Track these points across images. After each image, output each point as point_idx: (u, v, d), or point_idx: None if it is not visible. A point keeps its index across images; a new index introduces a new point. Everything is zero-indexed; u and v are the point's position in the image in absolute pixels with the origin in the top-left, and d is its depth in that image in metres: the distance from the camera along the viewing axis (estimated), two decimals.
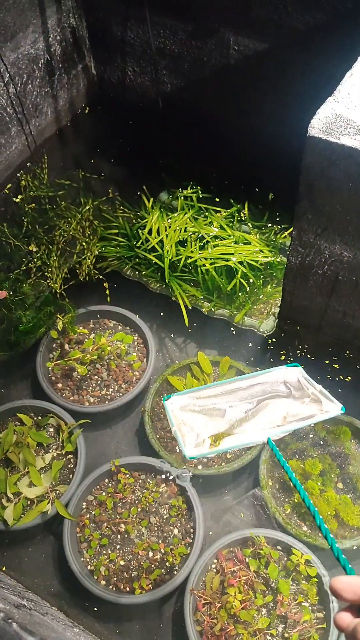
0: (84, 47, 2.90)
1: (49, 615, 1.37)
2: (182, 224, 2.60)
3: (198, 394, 1.47)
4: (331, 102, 1.57)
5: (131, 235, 2.65)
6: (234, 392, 1.47)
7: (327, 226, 1.73)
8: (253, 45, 2.43)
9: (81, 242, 2.57)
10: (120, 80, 2.99)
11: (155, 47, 2.69)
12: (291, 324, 2.29)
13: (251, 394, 1.46)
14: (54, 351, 2.40)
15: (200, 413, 1.45)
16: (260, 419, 1.41)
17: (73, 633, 1.35)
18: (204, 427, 1.42)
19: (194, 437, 1.40)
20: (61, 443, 2.18)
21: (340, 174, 1.55)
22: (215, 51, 2.54)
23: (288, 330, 2.35)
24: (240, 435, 1.40)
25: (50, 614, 1.46)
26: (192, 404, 1.46)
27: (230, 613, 1.80)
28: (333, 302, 2.00)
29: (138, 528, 2.01)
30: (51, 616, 1.40)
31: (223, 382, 1.48)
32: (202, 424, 1.42)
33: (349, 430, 2.12)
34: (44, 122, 2.84)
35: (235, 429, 1.42)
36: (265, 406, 1.44)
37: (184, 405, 1.47)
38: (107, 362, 2.37)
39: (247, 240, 2.55)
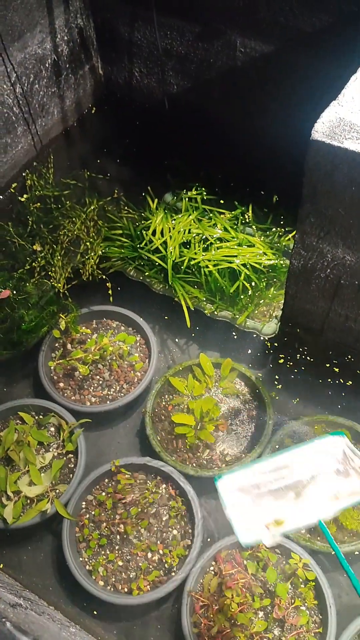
0: (91, 48, 2.91)
1: (46, 615, 1.38)
2: (186, 225, 2.60)
3: (249, 472, 1.46)
4: (335, 105, 1.57)
5: (135, 236, 2.65)
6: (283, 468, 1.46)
7: (329, 230, 1.73)
8: (259, 47, 2.43)
9: (85, 242, 2.57)
10: (127, 80, 2.99)
11: (162, 48, 2.69)
12: (293, 327, 2.28)
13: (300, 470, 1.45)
14: (56, 350, 2.41)
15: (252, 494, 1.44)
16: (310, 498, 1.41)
17: (69, 633, 1.35)
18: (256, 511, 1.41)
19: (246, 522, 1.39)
20: (62, 442, 2.19)
21: (344, 177, 1.54)
22: (221, 53, 2.54)
23: (290, 333, 2.34)
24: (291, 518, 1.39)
25: (47, 613, 1.46)
26: (243, 483, 1.45)
27: (227, 616, 1.80)
28: (335, 305, 2.00)
29: (137, 529, 2.01)
30: (48, 615, 1.41)
31: (272, 457, 1.47)
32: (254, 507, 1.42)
33: (350, 434, 2.11)
34: (51, 121, 2.84)
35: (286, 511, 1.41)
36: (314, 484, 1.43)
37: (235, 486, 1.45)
38: (109, 362, 2.37)
39: (250, 242, 2.55)
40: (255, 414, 2.25)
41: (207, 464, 2.13)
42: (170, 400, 2.29)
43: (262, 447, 2.12)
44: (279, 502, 1.43)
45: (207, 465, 2.13)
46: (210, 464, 2.13)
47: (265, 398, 2.24)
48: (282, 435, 2.14)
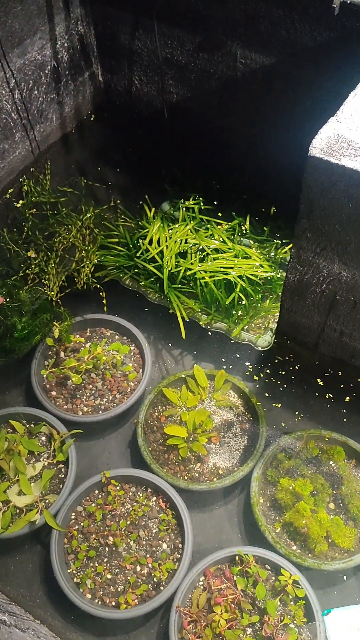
0: (91, 55, 2.90)
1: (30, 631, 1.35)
2: (183, 235, 2.59)
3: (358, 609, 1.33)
4: (333, 122, 1.56)
5: (131, 245, 2.64)
6: None
7: (326, 245, 1.72)
8: (260, 59, 2.42)
9: (80, 250, 2.56)
10: (127, 88, 2.98)
11: (163, 57, 2.69)
12: (288, 341, 2.27)
13: None
14: (49, 359, 2.39)
15: None
16: None
17: None
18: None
19: None
20: (53, 452, 2.17)
21: (341, 194, 1.54)
22: (221, 63, 2.54)
23: (285, 347, 2.33)
24: None
25: (32, 628, 1.44)
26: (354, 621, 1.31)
27: (215, 632, 1.78)
28: (330, 320, 1.99)
29: (126, 541, 2.00)
30: (32, 631, 1.38)
31: None
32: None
33: (343, 450, 2.10)
34: (49, 128, 2.83)
35: None
36: None
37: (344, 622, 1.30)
38: (102, 372, 2.35)
39: (247, 254, 2.54)
40: (248, 426, 2.24)
41: (198, 476, 2.12)
42: (163, 411, 2.28)
43: (255, 460, 2.10)
44: None
45: (199, 478, 2.11)
46: (202, 476, 2.12)
47: (258, 411, 2.23)
48: (275, 450, 2.13)
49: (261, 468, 2.08)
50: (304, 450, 2.12)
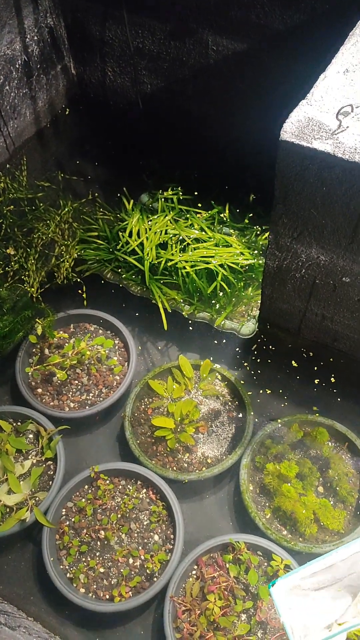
0: (62, 48, 2.87)
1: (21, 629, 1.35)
2: (163, 226, 2.58)
3: (301, 574, 1.42)
4: (304, 105, 1.56)
5: (111, 238, 2.63)
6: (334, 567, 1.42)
7: (302, 230, 1.72)
8: (232, 45, 2.41)
9: (60, 245, 2.54)
10: (100, 80, 2.96)
11: (134, 47, 2.66)
12: (271, 327, 2.28)
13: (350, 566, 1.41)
14: (34, 356, 2.38)
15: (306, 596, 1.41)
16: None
17: None
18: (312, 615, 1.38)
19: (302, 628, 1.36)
20: (41, 449, 2.16)
21: (314, 178, 1.53)
22: (193, 51, 2.52)
23: (268, 333, 2.34)
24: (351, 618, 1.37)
25: (24, 626, 1.43)
26: (297, 586, 1.41)
27: (210, 620, 1.79)
28: (312, 305, 1.99)
29: (118, 534, 2.00)
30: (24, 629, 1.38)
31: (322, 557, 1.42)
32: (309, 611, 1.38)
33: (326, 431, 2.11)
34: (23, 123, 2.80)
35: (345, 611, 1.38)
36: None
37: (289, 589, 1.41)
38: (87, 367, 2.34)
39: (227, 242, 2.54)
40: (235, 414, 2.24)
41: (187, 467, 2.12)
42: (149, 403, 2.27)
43: (243, 448, 2.11)
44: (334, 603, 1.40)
45: (188, 469, 2.11)
46: (191, 467, 2.12)
47: (245, 399, 2.23)
48: (263, 436, 2.13)
49: (249, 455, 2.09)
50: (291, 435, 2.13)
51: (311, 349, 2.27)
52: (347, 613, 1.38)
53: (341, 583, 1.42)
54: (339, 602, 1.40)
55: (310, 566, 1.42)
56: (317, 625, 1.37)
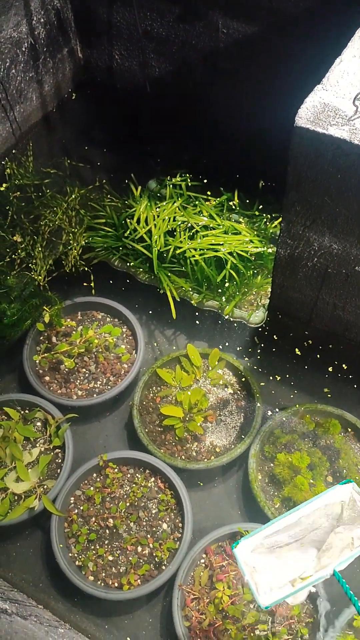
0: (69, 30, 2.82)
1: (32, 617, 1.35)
2: (171, 213, 2.55)
3: (265, 533, 1.42)
4: (319, 90, 1.52)
5: (119, 225, 2.60)
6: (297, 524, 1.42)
7: (315, 218, 1.69)
8: (242, 28, 2.36)
9: (67, 232, 2.51)
10: (108, 64, 2.91)
11: (142, 30, 2.61)
12: (281, 316, 2.26)
13: (313, 522, 1.42)
14: (41, 344, 2.37)
15: (270, 554, 1.41)
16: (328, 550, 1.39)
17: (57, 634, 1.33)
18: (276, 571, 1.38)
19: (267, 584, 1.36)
20: (49, 437, 2.16)
21: (329, 165, 1.50)
22: (203, 34, 2.47)
23: (278, 322, 2.32)
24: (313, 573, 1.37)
25: (35, 614, 1.44)
26: (260, 544, 1.41)
27: (218, 608, 1.80)
28: (323, 294, 1.97)
29: (127, 523, 2.00)
30: (35, 618, 1.38)
31: (286, 515, 1.43)
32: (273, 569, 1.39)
33: (339, 423, 2.10)
34: (29, 108, 2.76)
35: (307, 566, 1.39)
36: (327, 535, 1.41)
37: (253, 549, 1.41)
38: (95, 355, 2.33)
39: (237, 230, 2.51)
40: (244, 404, 2.23)
41: (196, 455, 2.11)
42: (158, 392, 2.26)
43: (252, 437, 2.10)
44: (298, 559, 1.40)
45: (196, 457, 2.11)
46: (199, 455, 2.11)
47: (253, 388, 2.22)
48: (272, 426, 2.12)
49: (258, 444, 2.08)
50: (300, 425, 2.12)
51: (322, 338, 2.25)
52: (310, 568, 1.39)
53: (304, 539, 1.42)
54: (303, 557, 1.41)
55: (274, 524, 1.42)
56: (281, 581, 1.38)
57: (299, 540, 1.42)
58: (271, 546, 1.41)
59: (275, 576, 1.38)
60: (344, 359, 2.28)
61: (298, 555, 1.41)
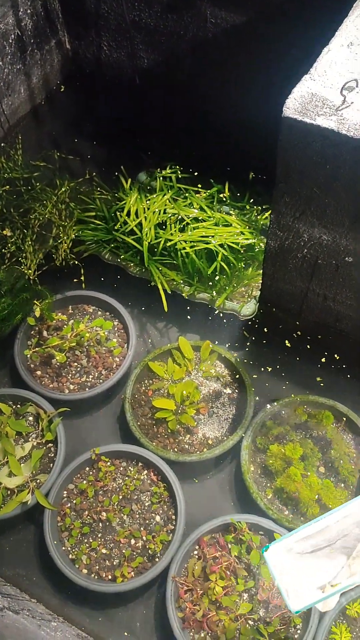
0: (56, 21, 2.79)
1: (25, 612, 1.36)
2: (161, 205, 2.54)
3: (295, 538, 1.42)
4: (307, 80, 1.51)
5: (109, 218, 2.59)
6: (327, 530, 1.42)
7: (305, 209, 1.68)
8: (231, 17, 2.34)
9: (57, 226, 2.50)
10: (96, 55, 2.89)
11: (130, 21, 2.59)
12: (272, 308, 2.25)
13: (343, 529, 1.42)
14: (32, 338, 2.36)
15: (300, 559, 1.41)
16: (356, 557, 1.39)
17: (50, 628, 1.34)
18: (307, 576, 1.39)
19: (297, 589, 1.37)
20: (41, 432, 2.16)
21: (317, 156, 1.50)
22: (191, 24, 2.45)
23: (269, 314, 2.32)
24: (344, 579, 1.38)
25: (27, 609, 1.44)
26: (290, 549, 1.42)
27: (212, 599, 1.81)
28: (313, 285, 1.97)
29: (119, 516, 2.00)
30: (27, 612, 1.39)
31: (316, 520, 1.43)
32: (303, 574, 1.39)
33: (331, 414, 2.11)
34: (17, 100, 2.74)
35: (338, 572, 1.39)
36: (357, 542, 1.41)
37: (283, 553, 1.42)
38: (86, 349, 2.33)
39: (227, 222, 2.50)
40: (236, 396, 2.23)
41: (188, 448, 2.12)
42: (150, 385, 2.26)
43: (244, 429, 2.11)
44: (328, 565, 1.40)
45: (189, 450, 2.11)
46: (191, 448, 2.12)
47: (245, 380, 2.22)
48: (264, 417, 2.13)
49: (250, 436, 2.09)
50: (293, 416, 2.13)
51: (313, 329, 2.26)
52: (340, 574, 1.40)
53: (334, 545, 1.43)
54: (333, 563, 1.42)
55: (304, 529, 1.43)
56: (311, 586, 1.39)
57: (328, 546, 1.43)
58: (301, 551, 1.42)
59: (305, 581, 1.39)
60: (335, 350, 2.28)
61: (328, 562, 1.41)
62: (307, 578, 1.39)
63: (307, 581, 1.39)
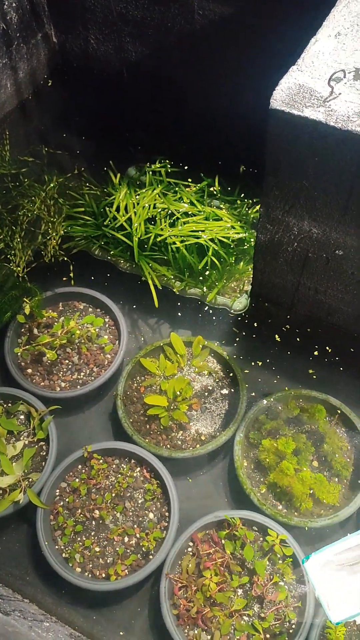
0: (42, 15, 2.75)
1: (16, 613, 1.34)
2: (151, 200, 2.51)
3: (335, 550, 1.43)
4: (295, 71, 1.49)
5: (98, 214, 2.56)
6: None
7: (294, 202, 1.67)
8: (218, 9, 2.31)
9: (46, 222, 2.47)
10: (83, 49, 2.85)
11: (117, 13, 2.56)
12: (264, 302, 2.24)
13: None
14: (23, 336, 2.34)
15: (341, 571, 1.41)
16: None
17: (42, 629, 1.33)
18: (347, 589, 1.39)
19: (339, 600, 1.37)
20: (32, 430, 2.14)
21: (306, 148, 1.48)
22: (179, 16, 2.43)
23: (261, 308, 2.30)
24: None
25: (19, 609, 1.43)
26: (332, 561, 1.42)
27: (206, 596, 1.80)
28: (304, 279, 1.96)
29: (113, 513, 1.99)
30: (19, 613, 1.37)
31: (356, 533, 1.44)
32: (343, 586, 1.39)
33: (324, 408, 2.10)
34: (4, 95, 2.70)
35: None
36: None
37: (324, 564, 1.42)
38: (77, 346, 2.31)
39: (218, 216, 2.48)
40: (228, 391, 2.22)
41: (181, 444, 2.10)
42: (142, 381, 2.25)
43: (237, 424, 2.09)
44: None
45: (182, 446, 2.10)
46: (184, 444, 2.11)
47: (237, 375, 2.21)
48: (257, 412, 2.12)
49: (243, 431, 2.08)
50: (285, 410, 2.12)
51: (305, 323, 2.25)
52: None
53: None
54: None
55: (345, 542, 1.43)
56: (352, 598, 1.39)
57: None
58: (342, 563, 1.42)
59: (345, 593, 1.39)
60: (327, 343, 2.27)
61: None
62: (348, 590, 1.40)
63: (348, 593, 1.39)
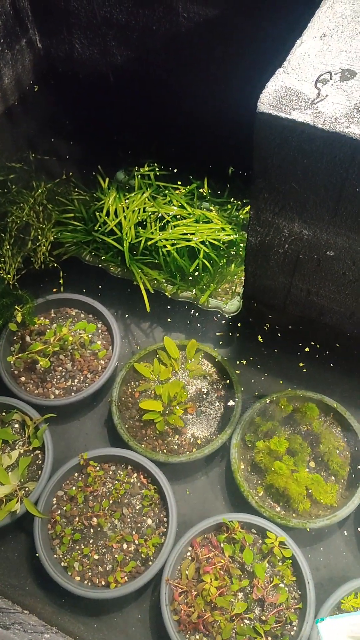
0: (26, 20, 2.73)
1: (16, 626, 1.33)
2: (141, 204, 2.50)
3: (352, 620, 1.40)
4: (281, 73, 1.49)
5: (88, 219, 2.55)
6: None
7: (284, 205, 1.67)
8: (203, 11, 2.31)
9: (35, 228, 2.46)
10: (68, 53, 2.84)
11: (101, 17, 2.55)
12: (256, 304, 2.24)
13: None
14: (15, 344, 2.32)
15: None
16: None
17: None
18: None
19: None
20: (27, 439, 2.12)
21: (294, 151, 1.48)
22: (164, 19, 2.42)
23: (253, 310, 2.30)
24: None
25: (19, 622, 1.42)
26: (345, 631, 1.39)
27: (206, 600, 1.79)
28: (296, 280, 1.96)
29: (111, 520, 1.98)
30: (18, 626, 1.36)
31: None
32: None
33: (316, 407, 2.10)
34: None
35: None
36: None
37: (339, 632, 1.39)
38: (70, 353, 2.30)
39: (208, 218, 2.47)
40: (223, 394, 2.22)
41: (177, 449, 2.10)
42: (136, 386, 2.24)
43: (233, 427, 2.09)
44: None
45: (178, 451, 2.09)
46: (180, 448, 2.10)
47: (232, 377, 2.21)
48: (252, 414, 2.11)
49: (239, 434, 2.07)
50: (281, 412, 2.12)
51: (297, 324, 2.24)
52: None
53: None
54: None
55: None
56: None
57: None
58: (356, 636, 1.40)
59: None
60: (320, 344, 2.27)
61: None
62: None
63: None
